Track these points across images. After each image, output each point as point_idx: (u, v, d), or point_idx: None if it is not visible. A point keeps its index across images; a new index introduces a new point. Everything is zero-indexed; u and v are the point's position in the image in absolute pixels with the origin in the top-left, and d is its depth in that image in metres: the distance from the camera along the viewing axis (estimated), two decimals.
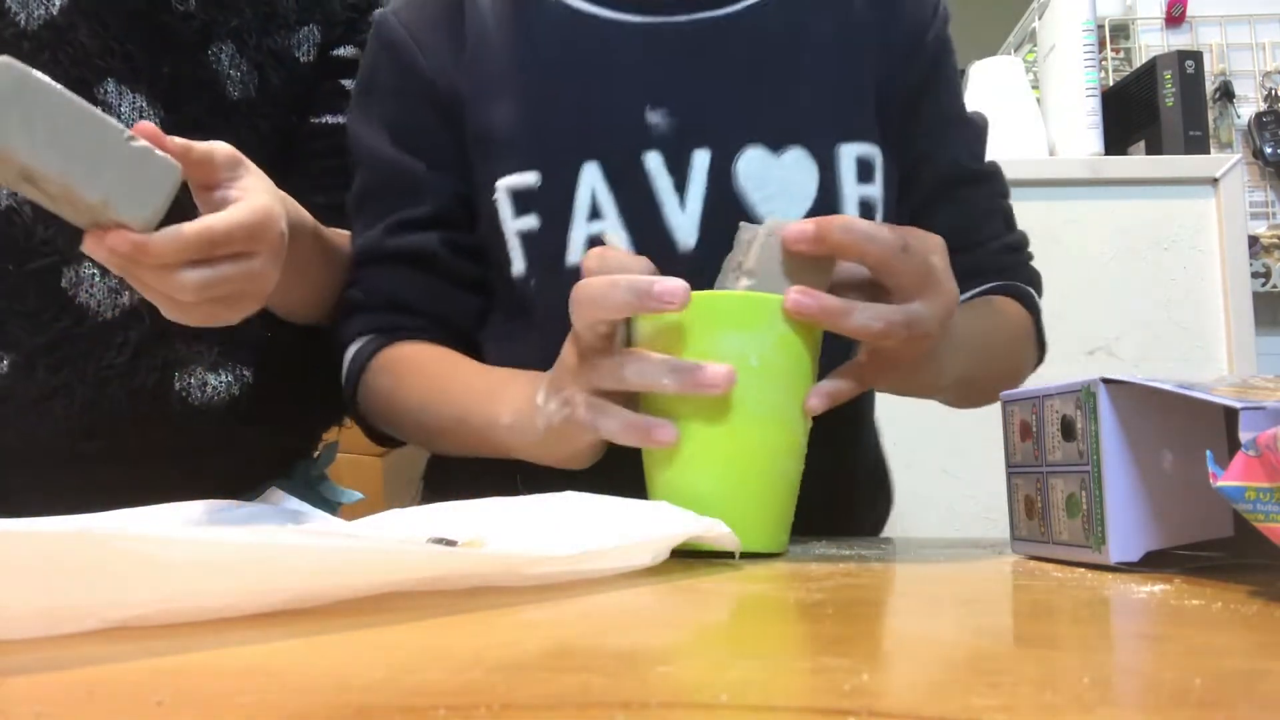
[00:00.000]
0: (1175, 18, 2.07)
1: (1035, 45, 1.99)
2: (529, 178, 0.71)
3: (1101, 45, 2.03)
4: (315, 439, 0.93)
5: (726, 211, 0.68)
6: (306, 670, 0.26)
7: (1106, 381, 0.47)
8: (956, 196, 0.79)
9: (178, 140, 0.57)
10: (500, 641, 0.30)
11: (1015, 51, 2.18)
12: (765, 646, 0.29)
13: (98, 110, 0.54)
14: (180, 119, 0.76)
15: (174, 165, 0.56)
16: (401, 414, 0.74)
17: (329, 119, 0.84)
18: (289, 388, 0.82)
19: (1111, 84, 1.98)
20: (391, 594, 0.36)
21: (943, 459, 1.55)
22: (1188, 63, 1.78)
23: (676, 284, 0.50)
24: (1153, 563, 0.46)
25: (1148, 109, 1.80)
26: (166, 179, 0.56)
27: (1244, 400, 0.39)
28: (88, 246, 0.55)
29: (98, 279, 0.73)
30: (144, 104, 0.75)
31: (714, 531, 0.48)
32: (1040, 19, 1.93)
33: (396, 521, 0.52)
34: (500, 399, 0.64)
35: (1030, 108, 1.83)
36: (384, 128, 0.77)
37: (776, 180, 0.70)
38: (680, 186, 0.70)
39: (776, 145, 0.71)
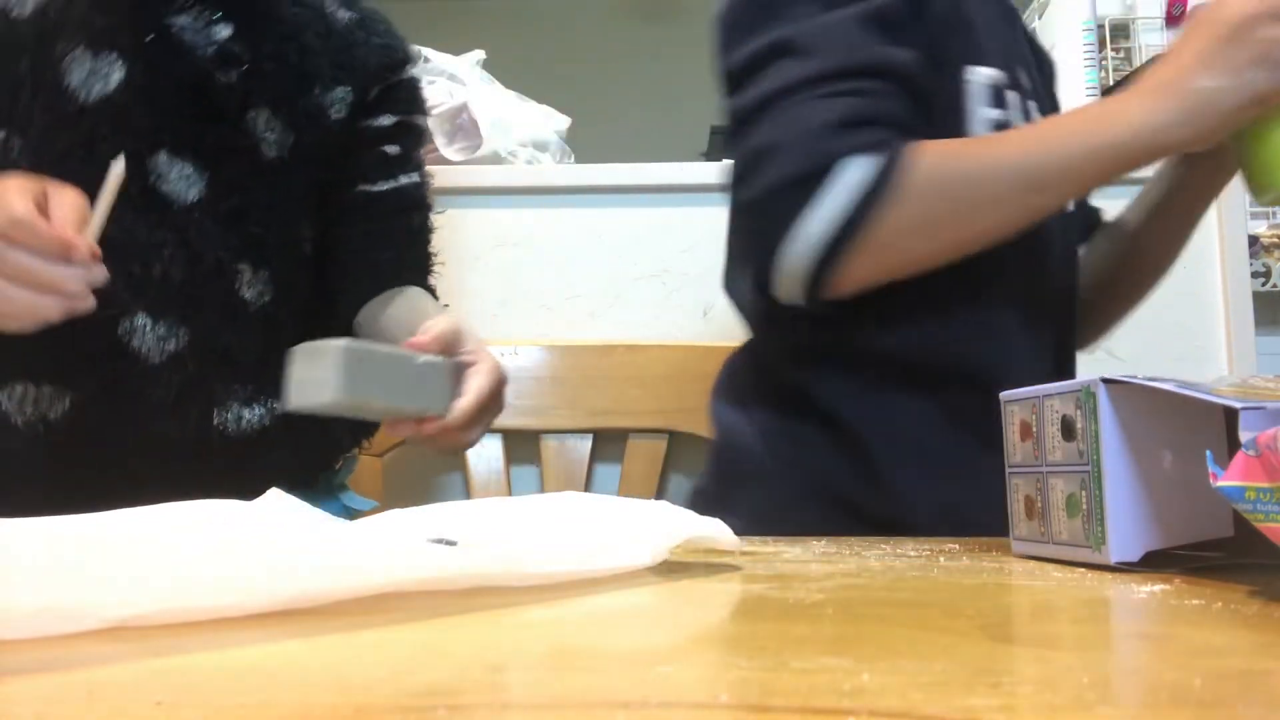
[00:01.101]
0: (1175, 17, 2.07)
1: None
2: (998, 75, 0.80)
3: (1101, 45, 2.03)
4: (334, 459, 0.98)
5: None
6: (306, 670, 0.26)
7: (1106, 381, 0.47)
8: None
9: (432, 338, 0.72)
10: (500, 641, 0.30)
11: None
12: (765, 646, 0.29)
13: (398, 348, 0.71)
14: (221, 181, 0.84)
15: (449, 363, 0.73)
16: (986, 178, 0.72)
17: (383, 186, 0.94)
18: (312, 417, 0.88)
19: (1112, 84, 1.98)
20: (391, 594, 0.36)
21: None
22: None
23: None
24: (1153, 563, 0.46)
25: None
26: (446, 375, 0.72)
27: (1244, 400, 0.39)
28: (395, 433, 0.73)
29: (149, 328, 0.82)
30: (191, 171, 0.83)
31: (714, 531, 0.48)
32: (1040, 19, 1.93)
33: (396, 522, 0.52)
34: (1131, 106, 0.71)
35: None
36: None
37: None
38: None
39: None
